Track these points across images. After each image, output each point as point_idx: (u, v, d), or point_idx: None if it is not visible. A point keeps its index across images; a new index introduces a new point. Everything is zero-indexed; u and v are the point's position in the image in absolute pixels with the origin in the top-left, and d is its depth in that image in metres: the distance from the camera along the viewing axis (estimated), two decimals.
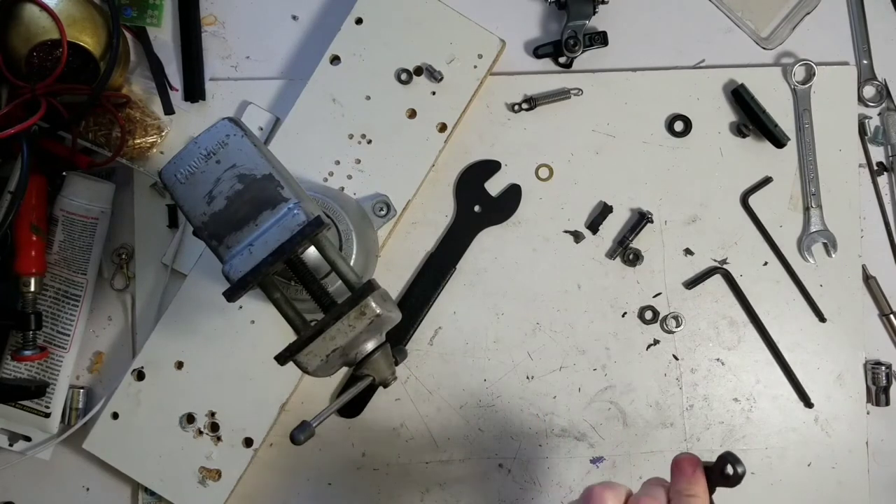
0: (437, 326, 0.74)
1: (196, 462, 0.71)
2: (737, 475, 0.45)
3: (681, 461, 0.49)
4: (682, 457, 0.49)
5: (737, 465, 0.45)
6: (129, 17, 0.76)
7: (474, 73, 0.73)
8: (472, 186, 0.75)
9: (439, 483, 0.73)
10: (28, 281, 0.69)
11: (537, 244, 0.75)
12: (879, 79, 0.76)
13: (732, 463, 0.45)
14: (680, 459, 0.49)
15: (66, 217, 0.71)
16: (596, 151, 0.75)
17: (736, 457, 0.45)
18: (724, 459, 0.46)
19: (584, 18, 0.74)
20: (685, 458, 0.49)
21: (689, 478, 0.48)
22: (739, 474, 0.45)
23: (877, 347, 0.75)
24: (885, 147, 0.76)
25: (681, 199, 0.75)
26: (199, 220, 0.51)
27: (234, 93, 0.76)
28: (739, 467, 0.45)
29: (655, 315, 0.74)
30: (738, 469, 0.45)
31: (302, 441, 0.49)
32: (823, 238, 0.74)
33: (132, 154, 0.73)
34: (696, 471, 0.48)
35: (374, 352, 0.53)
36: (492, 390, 0.74)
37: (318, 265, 0.58)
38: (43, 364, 0.72)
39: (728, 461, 0.46)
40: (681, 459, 0.49)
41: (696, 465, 0.48)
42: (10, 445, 0.73)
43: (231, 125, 0.52)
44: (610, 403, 0.74)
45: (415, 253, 0.74)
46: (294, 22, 0.78)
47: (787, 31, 0.76)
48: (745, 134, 0.75)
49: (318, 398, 0.73)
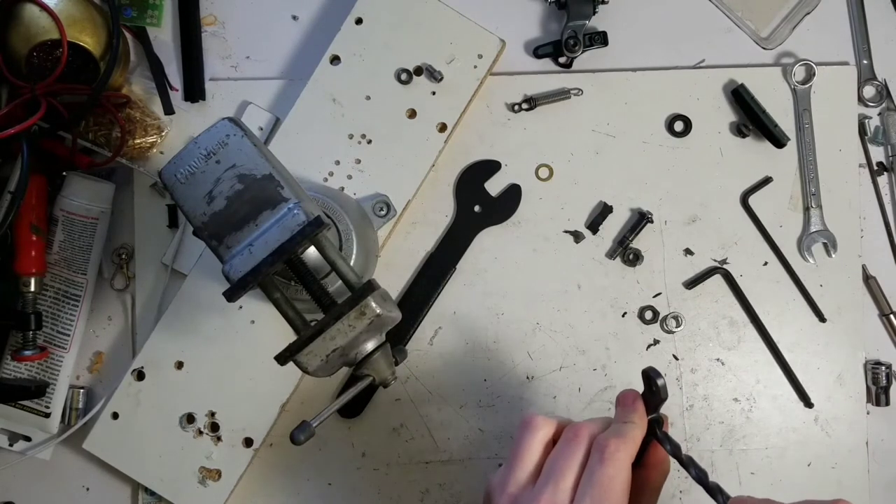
0: (437, 326, 0.74)
1: (196, 462, 0.71)
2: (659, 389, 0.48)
3: (620, 396, 0.52)
4: (623, 392, 0.52)
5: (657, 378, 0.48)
6: (129, 17, 0.76)
7: (474, 73, 0.73)
8: (472, 186, 0.75)
9: (439, 483, 0.73)
10: (28, 281, 0.69)
11: (537, 244, 0.75)
12: (879, 79, 0.76)
13: (654, 378, 0.48)
14: (620, 395, 0.52)
15: (66, 217, 0.71)
16: (596, 151, 0.75)
17: (656, 371, 0.48)
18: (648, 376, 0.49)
19: (584, 18, 0.74)
20: (625, 392, 0.52)
21: (627, 407, 0.51)
22: (661, 387, 0.48)
23: (877, 347, 0.75)
24: (885, 147, 0.76)
25: (681, 199, 0.75)
26: (199, 220, 0.51)
27: (234, 93, 0.76)
28: (660, 380, 0.48)
29: (655, 315, 0.74)
30: (657, 382, 0.48)
31: (302, 441, 0.49)
32: (823, 238, 0.74)
33: (132, 154, 0.73)
34: (635, 401, 0.51)
35: (374, 352, 0.53)
36: (492, 390, 0.74)
37: (318, 265, 0.58)
38: (43, 364, 0.72)
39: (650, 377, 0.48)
40: (621, 394, 0.52)
41: (634, 396, 0.51)
42: (10, 445, 0.73)
43: (231, 125, 0.52)
44: (610, 403, 0.73)
45: (415, 253, 0.74)
46: (294, 22, 0.78)
47: (787, 31, 0.76)
48: (745, 134, 0.75)
49: (318, 398, 0.73)
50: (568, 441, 0.49)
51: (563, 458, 0.48)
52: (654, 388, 0.49)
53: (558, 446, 0.50)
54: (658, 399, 0.49)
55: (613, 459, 0.47)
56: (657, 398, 0.49)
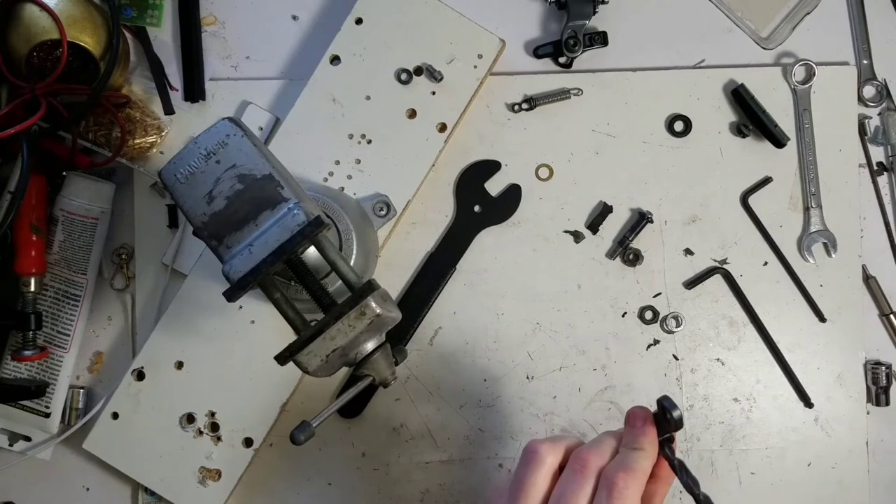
0: (437, 326, 0.74)
1: (196, 462, 0.71)
2: (674, 420, 0.46)
3: (631, 414, 0.49)
4: (633, 410, 0.49)
5: (672, 410, 0.46)
6: (129, 17, 0.76)
7: (474, 73, 0.73)
8: (472, 186, 0.75)
9: (439, 483, 0.73)
10: (28, 281, 0.69)
11: (537, 244, 0.75)
12: (879, 79, 0.76)
13: (669, 409, 0.46)
14: (630, 413, 0.49)
15: (66, 217, 0.71)
16: (596, 151, 0.75)
17: (672, 402, 0.47)
18: (662, 406, 0.47)
19: (584, 18, 0.74)
20: (635, 410, 0.49)
21: (636, 431, 0.48)
22: (676, 419, 0.46)
23: (877, 347, 0.75)
24: (885, 147, 0.76)
25: (681, 199, 0.75)
26: (199, 220, 0.51)
27: (234, 93, 0.76)
28: (675, 412, 0.46)
29: (655, 315, 0.74)
30: (673, 414, 0.46)
31: (302, 441, 0.49)
32: (823, 238, 0.74)
33: (132, 154, 0.73)
34: (646, 424, 0.48)
35: (374, 352, 0.53)
36: (492, 390, 0.74)
37: (318, 265, 0.58)
38: (43, 364, 0.72)
39: (665, 407, 0.47)
40: (631, 413, 0.49)
41: (644, 419, 0.48)
42: (10, 445, 0.73)
43: (231, 125, 0.52)
44: (610, 403, 0.74)
45: (415, 253, 0.74)
46: (294, 22, 0.78)
47: (787, 31, 0.76)
48: (745, 134, 0.75)
49: (318, 398, 0.73)
50: (574, 473, 0.47)
51: (570, 494, 0.46)
52: (669, 417, 0.47)
53: (564, 479, 0.48)
54: (672, 427, 0.47)
55: (622, 497, 0.45)
56: (671, 426, 0.47)
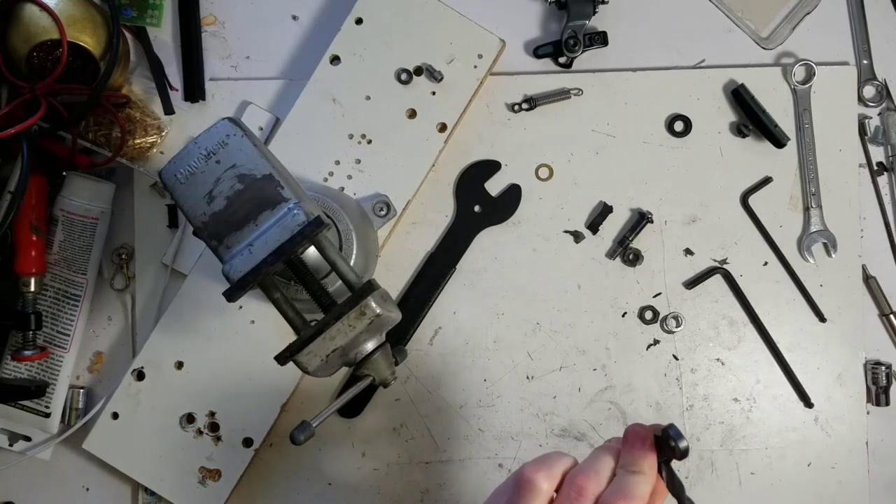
0: (437, 326, 0.74)
1: (196, 462, 0.71)
2: (679, 450, 0.44)
3: (630, 433, 0.46)
4: (634, 429, 0.46)
5: (679, 440, 0.44)
6: (129, 17, 0.76)
7: (474, 73, 0.73)
8: (472, 186, 0.75)
9: (439, 483, 0.73)
10: (28, 281, 0.69)
11: (537, 244, 0.75)
12: (879, 79, 0.76)
13: (675, 439, 0.44)
14: (630, 432, 0.46)
15: (66, 217, 0.71)
16: (596, 151, 0.75)
17: (678, 432, 0.44)
18: (668, 434, 0.44)
19: (584, 18, 0.74)
20: (636, 430, 0.46)
21: (636, 452, 0.45)
22: (682, 449, 0.44)
23: (877, 347, 0.75)
24: (885, 147, 0.76)
25: (681, 199, 0.75)
26: (199, 220, 0.51)
27: (234, 93, 0.76)
28: (682, 443, 0.44)
29: (655, 315, 0.74)
30: (679, 445, 0.44)
31: (302, 441, 0.49)
32: (823, 238, 0.74)
33: (132, 154, 0.73)
34: (646, 446, 0.45)
35: (374, 352, 0.53)
36: (492, 390, 0.74)
37: (318, 265, 0.58)
38: (43, 364, 0.72)
39: (671, 436, 0.44)
40: (631, 432, 0.46)
41: (645, 440, 0.45)
42: (10, 445, 0.73)
43: (231, 125, 0.52)
44: (610, 403, 0.74)
45: (415, 253, 0.74)
46: (294, 22, 0.78)
47: (787, 31, 0.76)
48: (745, 134, 0.75)
49: (318, 398, 0.73)
50: (571, 502, 0.45)
51: None
52: (673, 445, 0.44)
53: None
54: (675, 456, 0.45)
55: None
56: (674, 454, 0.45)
